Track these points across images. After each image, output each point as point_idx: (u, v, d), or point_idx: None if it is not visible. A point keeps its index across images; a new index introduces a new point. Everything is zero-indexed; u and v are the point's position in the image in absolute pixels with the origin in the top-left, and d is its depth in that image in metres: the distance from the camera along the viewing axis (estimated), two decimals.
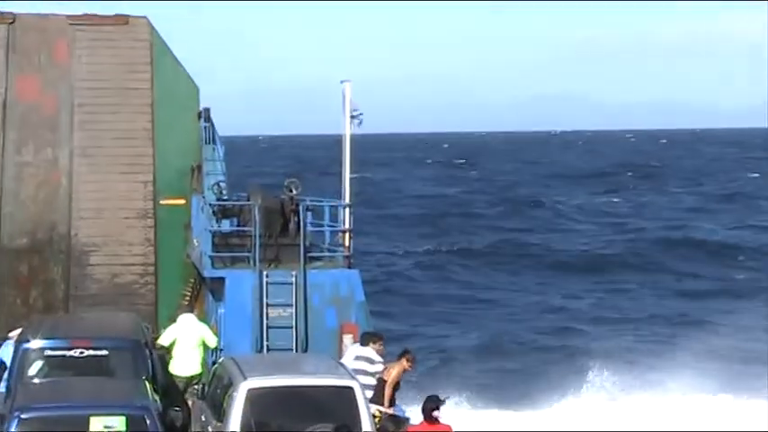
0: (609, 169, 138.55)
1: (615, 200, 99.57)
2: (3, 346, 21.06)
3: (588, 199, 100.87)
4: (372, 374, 19.87)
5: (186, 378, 21.68)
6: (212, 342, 22.37)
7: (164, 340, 21.94)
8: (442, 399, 16.72)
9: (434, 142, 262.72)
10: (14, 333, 20.89)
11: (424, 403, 16.40)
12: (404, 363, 20.14)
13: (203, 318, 26.12)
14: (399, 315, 48.49)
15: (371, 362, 20.24)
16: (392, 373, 19.97)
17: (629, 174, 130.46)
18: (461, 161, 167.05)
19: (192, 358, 21.79)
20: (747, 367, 38.02)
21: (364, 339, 21.12)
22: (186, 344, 21.88)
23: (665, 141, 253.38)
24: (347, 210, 25.20)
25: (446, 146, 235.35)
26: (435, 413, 16.13)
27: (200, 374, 21.70)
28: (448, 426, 16.29)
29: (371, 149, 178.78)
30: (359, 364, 19.97)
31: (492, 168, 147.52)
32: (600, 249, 67.83)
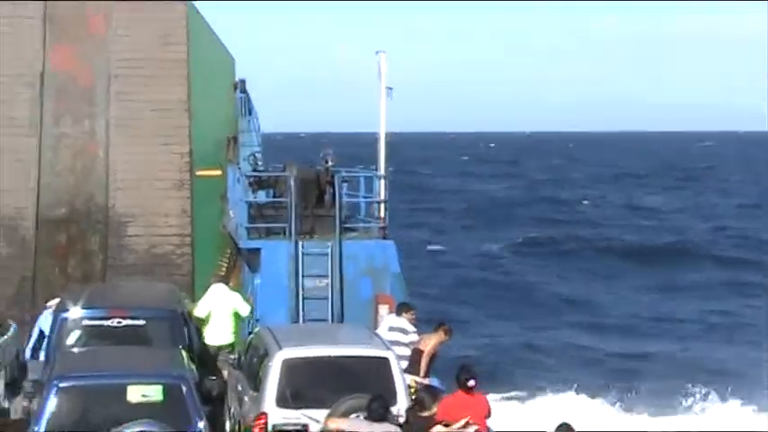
0: (660, 169, 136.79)
1: (670, 199, 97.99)
2: (41, 316, 21.24)
3: (643, 197, 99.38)
4: (406, 345, 19.88)
5: (220, 347, 21.73)
6: (245, 311, 22.37)
7: (200, 312, 21.93)
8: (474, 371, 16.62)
9: (481, 141, 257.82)
10: (53, 302, 21.06)
11: (459, 373, 16.31)
12: (441, 334, 20.13)
13: (239, 288, 26.25)
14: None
15: (405, 332, 20.25)
16: (429, 344, 19.94)
17: (676, 175, 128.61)
18: (508, 159, 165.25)
19: (225, 328, 21.83)
20: None
21: (398, 310, 21.14)
22: (219, 314, 21.91)
23: (710, 144, 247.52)
24: (382, 181, 25.21)
25: (492, 145, 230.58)
26: (471, 383, 16.03)
27: (233, 344, 21.79)
28: (483, 396, 16.24)
29: (419, 147, 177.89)
30: (393, 335, 19.99)
31: (538, 166, 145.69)
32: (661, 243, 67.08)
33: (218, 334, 21.72)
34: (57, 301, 20.82)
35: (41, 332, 20.44)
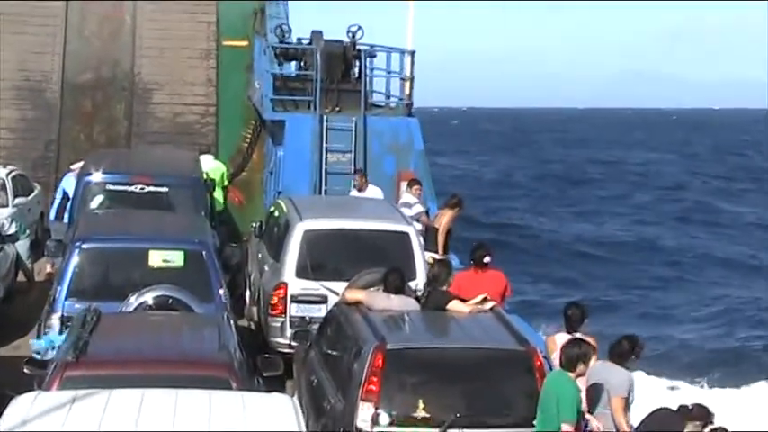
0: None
1: None
2: (65, 178, 21.36)
3: None
4: (412, 218, 19.71)
5: None
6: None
7: None
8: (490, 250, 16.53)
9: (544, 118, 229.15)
10: (76, 165, 21.16)
11: (474, 250, 16.27)
12: (455, 209, 20.09)
13: (262, 160, 26.37)
14: None
15: (409, 206, 20.12)
16: (443, 221, 19.91)
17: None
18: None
19: (217, 196, 21.94)
20: None
21: (411, 184, 21.08)
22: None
23: None
24: (410, 57, 25.02)
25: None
26: (486, 259, 16.00)
27: (223, 211, 22.05)
28: (500, 272, 16.23)
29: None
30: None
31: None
32: None
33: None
34: (81, 163, 20.92)
35: (65, 194, 20.55)
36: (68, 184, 20.55)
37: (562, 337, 13.19)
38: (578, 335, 13.19)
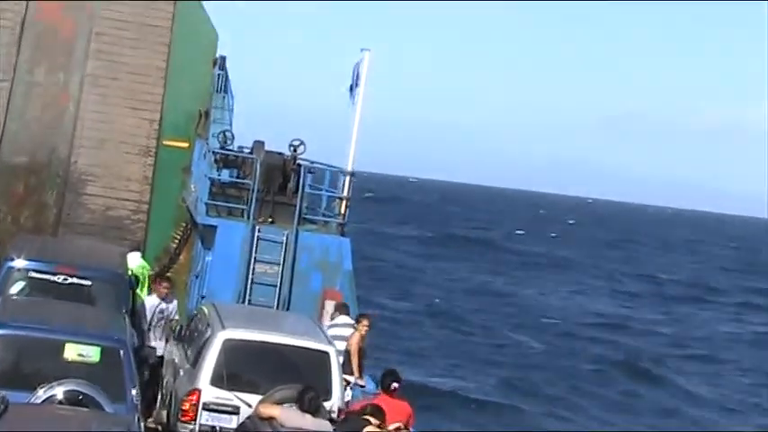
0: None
1: None
2: None
3: None
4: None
5: None
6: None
7: None
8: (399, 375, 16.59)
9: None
10: None
11: (383, 377, 16.33)
12: (361, 329, 20.11)
13: (189, 263, 26.20)
14: None
15: (343, 326, 20.19)
16: (353, 342, 19.90)
17: None
18: None
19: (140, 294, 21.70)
20: None
21: (340, 309, 21.08)
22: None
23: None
24: (348, 178, 25.17)
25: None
26: (394, 385, 16.06)
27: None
28: (405, 402, 16.25)
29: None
30: (336, 331, 19.98)
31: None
32: None
33: None
34: None
35: None
36: None
37: None
38: None
